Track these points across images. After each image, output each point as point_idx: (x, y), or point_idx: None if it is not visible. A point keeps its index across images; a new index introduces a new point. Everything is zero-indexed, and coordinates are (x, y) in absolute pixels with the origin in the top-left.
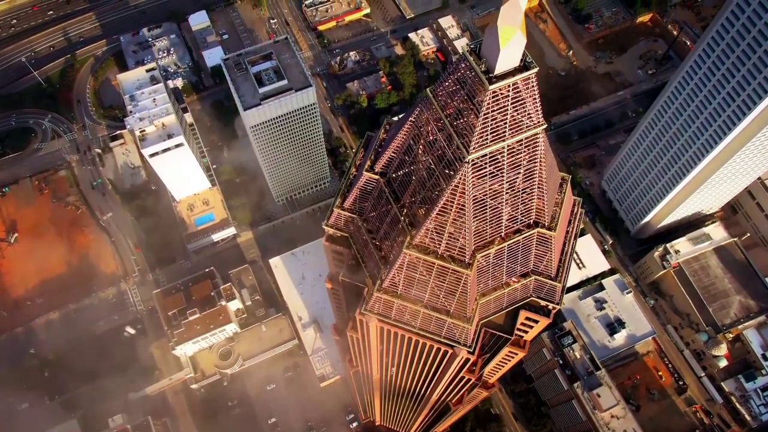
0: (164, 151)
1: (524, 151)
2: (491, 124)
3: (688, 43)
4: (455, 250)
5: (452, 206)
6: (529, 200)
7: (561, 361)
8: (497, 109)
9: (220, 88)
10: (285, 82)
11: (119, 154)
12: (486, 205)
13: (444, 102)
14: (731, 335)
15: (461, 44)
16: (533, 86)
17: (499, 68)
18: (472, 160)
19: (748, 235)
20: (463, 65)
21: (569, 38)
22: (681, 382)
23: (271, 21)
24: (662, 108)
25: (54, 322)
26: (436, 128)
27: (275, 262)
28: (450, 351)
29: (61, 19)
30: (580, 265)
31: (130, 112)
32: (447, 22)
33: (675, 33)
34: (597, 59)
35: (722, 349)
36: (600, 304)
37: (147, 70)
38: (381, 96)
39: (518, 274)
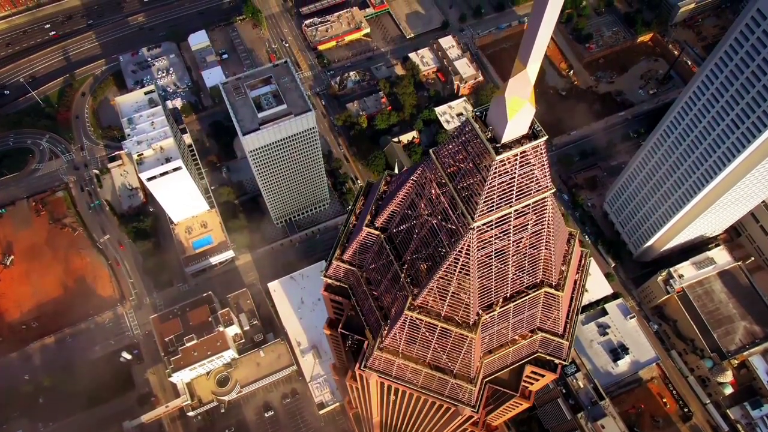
0: (162, 174)
1: (531, 213)
2: (497, 191)
3: (690, 63)
4: (459, 311)
5: (456, 268)
6: (536, 260)
7: (564, 390)
8: (504, 176)
9: (219, 109)
10: (284, 106)
11: (117, 175)
12: (491, 266)
13: (447, 163)
14: (737, 361)
15: (461, 64)
16: (542, 153)
17: (506, 137)
18: (478, 227)
19: (753, 258)
20: (468, 130)
21: (570, 58)
22: (686, 410)
23: (282, 42)
24: (666, 131)
25: (49, 347)
26: (439, 191)
27: (274, 285)
28: (453, 408)
29: (60, 39)
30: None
31: (128, 135)
32: (447, 42)
33: (676, 53)
34: (598, 79)
35: (727, 376)
36: (603, 329)
37: (145, 93)
38: (381, 116)
39: (524, 331)
